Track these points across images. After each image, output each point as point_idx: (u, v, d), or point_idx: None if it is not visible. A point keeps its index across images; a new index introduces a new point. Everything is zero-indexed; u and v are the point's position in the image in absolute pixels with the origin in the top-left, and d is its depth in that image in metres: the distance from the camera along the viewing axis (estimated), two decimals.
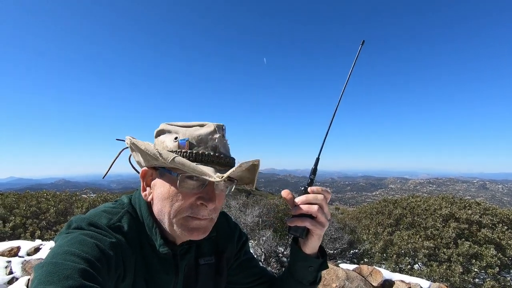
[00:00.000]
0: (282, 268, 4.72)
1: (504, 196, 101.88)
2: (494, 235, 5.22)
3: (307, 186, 0.86)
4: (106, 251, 0.67)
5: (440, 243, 5.33)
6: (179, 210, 0.76)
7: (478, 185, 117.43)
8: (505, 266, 5.04)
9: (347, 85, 0.91)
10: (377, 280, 3.88)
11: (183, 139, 0.76)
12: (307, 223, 0.82)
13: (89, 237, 0.68)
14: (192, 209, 0.76)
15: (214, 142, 0.78)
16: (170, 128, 0.81)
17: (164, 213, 0.78)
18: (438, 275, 4.78)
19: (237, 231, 1.07)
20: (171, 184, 0.76)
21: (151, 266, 0.81)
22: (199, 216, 0.77)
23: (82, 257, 0.61)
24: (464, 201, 6.48)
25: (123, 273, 0.72)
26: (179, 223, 0.77)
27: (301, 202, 0.82)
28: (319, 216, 0.81)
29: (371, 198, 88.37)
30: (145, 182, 0.83)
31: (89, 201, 7.76)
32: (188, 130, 0.79)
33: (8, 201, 6.91)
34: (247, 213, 6.14)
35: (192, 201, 0.76)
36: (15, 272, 3.99)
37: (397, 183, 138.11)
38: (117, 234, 0.75)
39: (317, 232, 0.84)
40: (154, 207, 0.81)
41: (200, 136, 0.77)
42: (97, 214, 0.78)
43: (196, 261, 0.93)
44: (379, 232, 6.40)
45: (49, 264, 0.58)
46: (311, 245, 0.87)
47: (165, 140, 0.79)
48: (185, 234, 0.78)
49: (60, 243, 0.66)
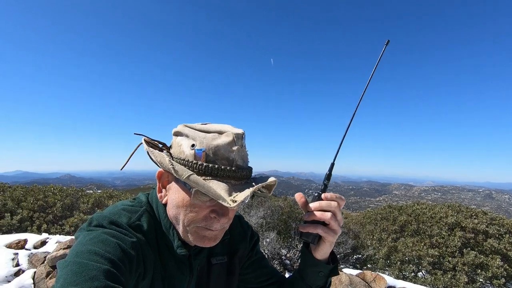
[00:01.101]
0: (285, 271, 4.71)
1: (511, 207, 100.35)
2: (500, 246, 5.15)
3: (320, 192, 0.85)
4: (127, 250, 0.68)
5: (445, 252, 5.28)
6: (193, 220, 0.77)
7: (484, 194, 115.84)
8: (511, 277, 4.97)
9: (368, 88, 0.89)
10: (381, 286, 3.86)
11: (199, 149, 0.73)
12: (319, 230, 0.81)
13: (111, 236, 0.68)
14: (206, 221, 0.77)
15: (231, 154, 0.74)
16: (188, 132, 0.78)
17: (178, 220, 0.79)
18: (443, 284, 4.73)
19: (250, 230, 1.08)
20: (186, 193, 0.75)
21: (168, 266, 0.82)
22: (211, 228, 0.78)
23: (106, 257, 0.62)
24: (470, 210, 6.40)
25: (143, 272, 0.73)
26: (192, 231, 0.78)
27: (314, 209, 0.82)
28: (332, 223, 0.81)
29: (375, 203, 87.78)
30: (161, 183, 0.82)
31: (95, 197, 7.84)
32: (206, 138, 0.74)
33: (16, 194, 7.03)
34: (251, 214, 6.14)
35: (206, 213, 0.76)
36: (22, 265, 4.05)
37: (401, 189, 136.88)
38: (137, 233, 0.76)
39: (329, 239, 0.83)
40: (169, 210, 0.81)
41: (217, 147, 0.73)
42: (117, 212, 0.78)
43: (209, 260, 0.94)
44: (383, 238, 6.35)
45: (74, 263, 0.59)
46: (322, 251, 0.87)
47: (183, 144, 0.77)
48: (197, 242, 0.79)
49: (82, 241, 0.66)
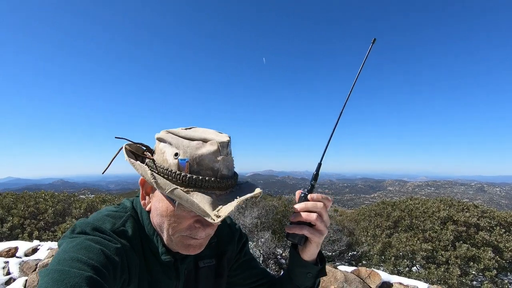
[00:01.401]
0: (280, 270, 4.72)
1: (502, 199, 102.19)
2: (491, 238, 5.24)
3: (307, 192, 0.85)
4: (111, 257, 0.67)
5: (438, 246, 5.35)
6: (177, 230, 0.76)
7: (476, 187, 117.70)
8: (502, 269, 5.06)
9: (355, 86, 0.89)
10: (375, 282, 3.88)
11: (183, 159, 0.71)
12: (305, 231, 0.81)
13: (94, 243, 0.67)
14: (190, 230, 0.76)
15: (216, 164, 0.72)
16: (171, 139, 0.75)
17: (162, 228, 0.78)
18: (436, 277, 4.79)
19: (238, 232, 1.07)
20: (170, 203, 0.74)
21: (153, 271, 0.81)
22: (196, 237, 0.77)
23: (89, 264, 0.61)
24: (462, 203, 6.50)
25: (128, 278, 0.72)
26: (177, 240, 0.77)
27: (300, 209, 0.82)
28: (318, 224, 0.81)
29: (370, 200, 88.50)
30: (144, 190, 0.81)
31: (88, 201, 7.74)
32: (190, 147, 0.72)
33: (6, 202, 6.89)
34: (246, 215, 6.13)
35: (190, 223, 0.75)
36: (13, 273, 3.98)
37: (395, 185, 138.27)
38: (122, 239, 0.74)
39: (315, 240, 0.83)
40: (153, 218, 0.80)
41: (201, 157, 0.71)
42: (100, 218, 0.77)
43: (196, 264, 0.93)
44: (377, 234, 6.41)
45: (55, 271, 0.58)
46: (309, 252, 0.86)
47: (166, 151, 0.75)
48: (182, 250, 0.78)
49: (65, 248, 0.65)
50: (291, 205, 7.04)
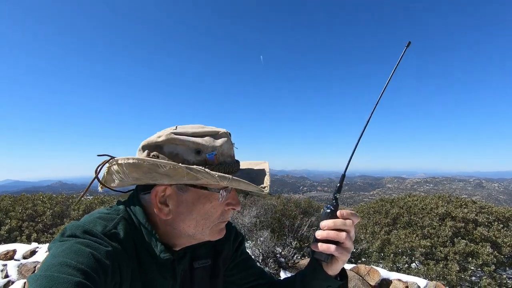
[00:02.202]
0: (279, 269, 4.71)
1: (500, 195, 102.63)
2: (490, 233, 5.26)
3: (333, 208, 0.81)
4: (102, 260, 0.65)
5: (437, 242, 5.36)
6: (214, 220, 0.81)
7: (474, 183, 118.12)
8: (501, 264, 5.08)
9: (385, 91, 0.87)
10: (375, 279, 3.89)
11: (211, 154, 0.76)
12: (333, 250, 0.79)
13: (84, 246, 0.65)
14: (223, 215, 0.83)
15: (230, 151, 0.82)
16: (183, 140, 0.76)
17: (199, 228, 0.80)
18: (435, 273, 4.81)
19: (234, 230, 1.07)
20: (208, 200, 0.78)
21: (149, 272, 0.79)
22: (226, 219, 0.84)
23: (78, 269, 0.59)
24: (460, 199, 6.51)
25: (120, 281, 0.70)
26: (213, 230, 0.82)
27: (328, 228, 0.80)
28: (347, 243, 0.79)
29: (369, 197, 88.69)
30: (160, 199, 0.79)
31: (86, 203, 7.72)
32: (208, 141, 0.77)
33: (4, 204, 6.87)
34: (245, 214, 6.13)
35: (223, 208, 0.82)
36: (11, 276, 3.96)
37: (394, 182, 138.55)
38: (113, 242, 0.73)
39: (342, 258, 0.82)
40: (179, 223, 0.79)
41: (222, 147, 0.79)
42: (91, 221, 0.75)
43: (191, 265, 0.92)
44: (376, 232, 6.42)
45: (44, 277, 0.56)
46: (334, 268, 0.85)
47: (180, 153, 0.75)
48: (215, 237, 0.84)
49: (54, 253, 0.63)
50: (289, 203, 7.03)
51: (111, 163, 0.77)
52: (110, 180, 0.82)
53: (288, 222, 5.82)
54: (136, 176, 0.76)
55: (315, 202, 8.43)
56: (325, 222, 0.81)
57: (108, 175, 0.81)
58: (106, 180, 0.82)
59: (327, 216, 0.81)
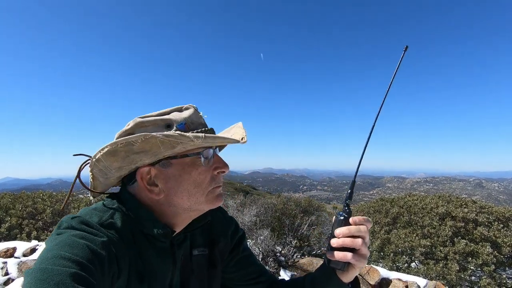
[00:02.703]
0: (279, 267, 4.72)
1: (500, 195, 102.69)
2: (490, 233, 5.25)
3: (346, 215, 0.80)
4: (97, 251, 0.65)
5: (437, 242, 5.36)
6: (206, 186, 0.81)
7: (474, 183, 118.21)
8: (500, 264, 5.08)
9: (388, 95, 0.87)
10: (374, 278, 3.90)
11: (181, 124, 0.78)
12: (350, 258, 0.77)
13: (79, 238, 0.65)
14: (214, 180, 0.82)
15: (200, 119, 0.83)
16: (150, 121, 0.78)
17: (193, 198, 0.80)
18: (435, 273, 4.81)
19: (233, 224, 1.06)
20: (193, 167, 0.79)
21: (148, 258, 0.79)
22: (219, 184, 0.84)
23: (73, 261, 0.59)
24: (460, 199, 6.51)
25: (118, 271, 0.70)
26: (209, 198, 0.82)
27: (343, 235, 0.78)
28: (362, 249, 0.78)
29: (369, 197, 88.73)
30: (147, 181, 0.79)
31: (86, 201, 7.73)
32: (174, 115, 0.80)
33: (4, 202, 6.86)
34: (245, 213, 6.14)
35: (211, 174, 0.82)
36: (11, 273, 3.97)
37: (394, 182, 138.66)
38: (110, 231, 0.73)
39: (359, 265, 0.80)
40: (173, 198, 0.79)
41: (190, 117, 0.81)
42: (87, 212, 0.76)
43: (190, 251, 0.92)
44: (376, 231, 6.42)
45: (39, 270, 0.56)
46: (350, 276, 0.84)
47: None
48: (215, 204, 0.84)
49: (49, 247, 0.63)
50: (290, 202, 7.04)
51: (92, 165, 0.77)
52: (98, 185, 0.83)
53: (288, 221, 5.82)
54: (118, 165, 0.77)
55: (315, 201, 8.43)
56: (340, 229, 0.79)
57: (95, 180, 0.82)
58: (95, 186, 0.83)
59: (341, 223, 0.80)
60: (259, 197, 9.20)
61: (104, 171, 0.78)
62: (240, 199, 7.70)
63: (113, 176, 0.81)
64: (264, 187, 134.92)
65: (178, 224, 0.85)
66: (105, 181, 0.82)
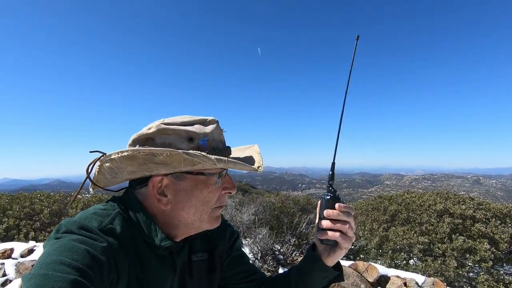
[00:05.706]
0: (278, 266, 4.72)
1: (498, 191, 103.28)
2: (487, 230, 5.27)
3: (331, 195, 0.88)
4: (97, 257, 0.64)
5: (435, 238, 5.38)
6: (211, 205, 0.82)
7: (472, 180, 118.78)
8: (498, 260, 5.11)
9: (350, 82, 0.92)
10: (373, 276, 3.90)
11: (203, 140, 0.77)
12: (338, 237, 0.84)
13: (79, 243, 0.64)
14: (220, 199, 0.83)
15: (221, 137, 0.83)
16: (174, 129, 0.75)
17: (198, 215, 0.81)
18: (433, 270, 4.83)
19: (230, 228, 1.08)
20: (205, 185, 0.79)
21: (148, 266, 0.78)
22: (223, 204, 0.85)
23: (73, 266, 0.58)
24: (458, 196, 6.53)
25: (116, 277, 0.70)
26: (210, 217, 0.83)
27: (333, 217, 0.85)
28: (349, 232, 0.85)
29: (367, 194, 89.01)
30: (158, 190, 0.78)
31: (84, 201, 7.69)
32: (198, 128, 0.78)
33: (1, 203, 6.83)
34: (243, 211, 6.13)
35: (219, 193, 0.83)
36: (9, 274, 3.94)
37: (392, 179, 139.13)
38: (109, 237, 0.72)
39: (346, 246, 0.87)
40: (179, 212, 0.79)
41: (212, 133, 0.79)
42: (87, 217, 0.74)
43: (189, 258, 0.93)
44: (374, 228, 6.44)
45: (38, 276, 0.55)
46: (336, 257, 0.89)
47: (173, 142, 0.75)
48: (212, 224, 0.85)
49: (48, 251, 0.62)
50: (288, 201, 7.03)
51: (103, 160, 0.76)
52: (102, 179, 0.81)
53: (286, 220, 5.82)
54: (132, 170, 0.75)
55: (313, 199, 8.44)
56: (328, 211, 0.86)
57: (100, 174, 0.80)
58: (98, 179, 0.81)
59: (328, 203, 0.87)
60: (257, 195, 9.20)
61: (115, 171, 0.77)
62: (238, 198, 7.70)
63: (122, 177, 0.80)
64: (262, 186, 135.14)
65: (178, 236, 0.85)
66: (112, 179, 0.81)
